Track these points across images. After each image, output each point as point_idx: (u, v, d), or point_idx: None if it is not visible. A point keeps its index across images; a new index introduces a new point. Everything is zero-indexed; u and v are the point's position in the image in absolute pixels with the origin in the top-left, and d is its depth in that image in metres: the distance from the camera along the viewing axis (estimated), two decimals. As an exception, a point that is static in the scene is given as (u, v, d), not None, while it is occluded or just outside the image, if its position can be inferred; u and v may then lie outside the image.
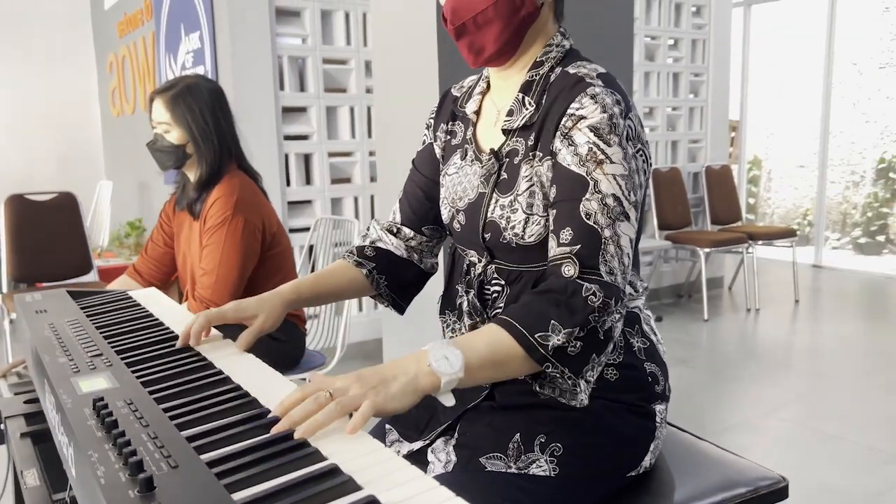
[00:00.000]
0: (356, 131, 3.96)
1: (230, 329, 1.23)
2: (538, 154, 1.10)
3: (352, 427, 0.82)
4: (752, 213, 8.04)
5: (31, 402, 1.38)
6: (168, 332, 1.23)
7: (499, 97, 1.20)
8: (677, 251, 5.41)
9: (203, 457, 0.74)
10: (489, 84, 1.24)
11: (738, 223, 5.57)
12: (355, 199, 4.01)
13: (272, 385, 0.98)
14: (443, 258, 1.39)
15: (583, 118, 1.05)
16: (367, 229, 1.39)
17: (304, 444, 0.78)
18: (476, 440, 1.10)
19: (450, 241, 1.30)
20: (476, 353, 0.96)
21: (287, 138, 3.78)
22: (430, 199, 1.32)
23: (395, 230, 1.35)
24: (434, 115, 1.33)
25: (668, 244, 5.12)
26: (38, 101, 6.35)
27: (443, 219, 1.27)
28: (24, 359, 1.68)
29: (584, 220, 1.02)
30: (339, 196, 3.96)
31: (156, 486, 0.66)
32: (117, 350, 1.10)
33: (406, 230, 1.34)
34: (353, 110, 3.94)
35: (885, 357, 3.98)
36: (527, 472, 1.06)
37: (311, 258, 3.07)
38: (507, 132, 1.15)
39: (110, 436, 0.77)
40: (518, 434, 1.08)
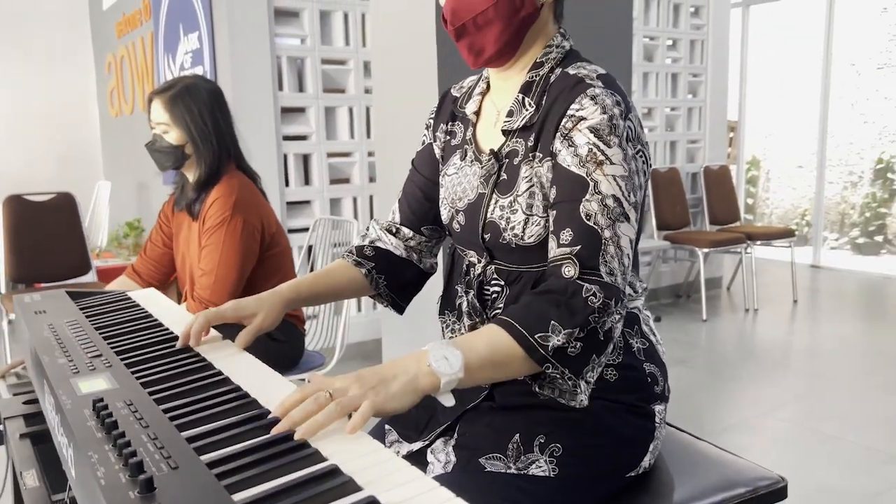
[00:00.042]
0: (355, 132, 3.96)
1: (229, 329, 1.23)
2: (538, 155, 1.10)
3: (351, 427, 0.82)
4: (750, 213, 8.05)
5: (31, 402, 1.38)
6: (167, 332, 1.23)
7: (498, 98, 1.20)
8: (676, 251, 5.41)
9: (203, 458, 0.74)
10: (489, 84, 1.24)
11: (737, 223, 5.58)
12: (354, 200, 4.01)
13: (272, 386, 0.98)
14: (442, 258, 1.39)
15: (583, 119, 1.05)
16: (366, 229, 1.39)
17: (305, 444, 0.78)
18: (475, 441, 1.10)
19: (449, 242, 1.30)
20: (476, 354, 0.96)
21: (286, 139, 3.78)
22: (430, 199, 1.32)
23: (395, 230, 1.35)
24: (433, 116, 1.33)
25: (667, 244, 5.12)
26: (37, 101, 6.34)
27: (442, 219, 1.27)
28: (22, 359, 1.68)
29: (585, 220, 1.02)
30: (337, 196, 3.96)
31: (156, 487, 0.66)
32: (117, 351, 1.10)
33: (405, 230, 1.34)
34: (351, 111, 3.94)
35: (883, 357, 3.99)
36: (526, 472, 1.06)
37: (309, 259, 3.07)
38: (506, 133, 1.15)
39: (110, 437, 0.77)
40: (517, 434, 1.08)
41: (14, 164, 6.20)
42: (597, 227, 1.02)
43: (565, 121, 1.06)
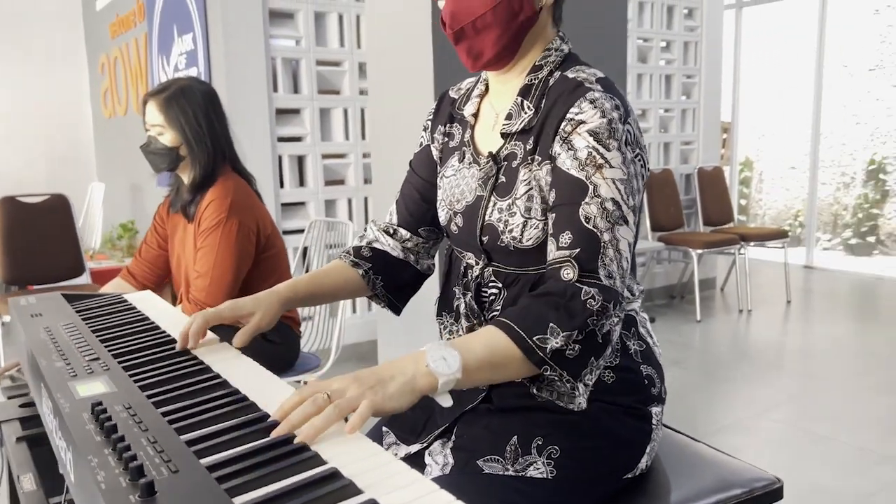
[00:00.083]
0: (350, 133, 3.95)
1: (225, 330, 1.23)
2: (537, 158, 1.10)
3: (351, 427, 0.82)
4: (743, 214, 8.08)
5: (27, 405, 1.38)
6: (164, 335, 1.23)
7: (497, 100, 1.20)
8: (670, 252, 5.43)
9: (203, 461, 0.74)
10: (487, 87, 1.24)
11: (730, 224, 5.60)
12: (349, 201, 4.01)
13: (269, 388, 0.98)
14: (439, 260, 1.40)
15: (582, 123, 1.05)
16: (364, 230, 1.39)
17: (304, 447, 0.78)
18: (473, 443, 1.10)
19: (447, 243, 1.30)
20: (474, 355, 0.96)
21: (280, 140, 3.78)
22: (427, 200, 1.32)
23: (392, 231, 1.35)
24: (431, 117, 1.33)
25: (661, 245, 5.13)
26: (30, 101, 6.32)
27: (440, 221, 1.27)
28: (17, 361, 1.67)
29: (584, 223, 1.03)
30: (332, 198, 3.95)
31: (157, 491, 0.66)
32: (114, 354, 1.10)
33: (402, 231, 1.34)
34: (346, 112, 3.94)
35: (875, 358, 4.01)
36: (524, 474, 1.06)
37: (304, 260, 3.07)
38: (505, 136, 1.15)
39: (110, 440, 0.77)
40: (515, 436, 1.08)
41: (6, 165, 6.17)
42: (596, 231, 1.02)
43: (565, 124, 1.07)
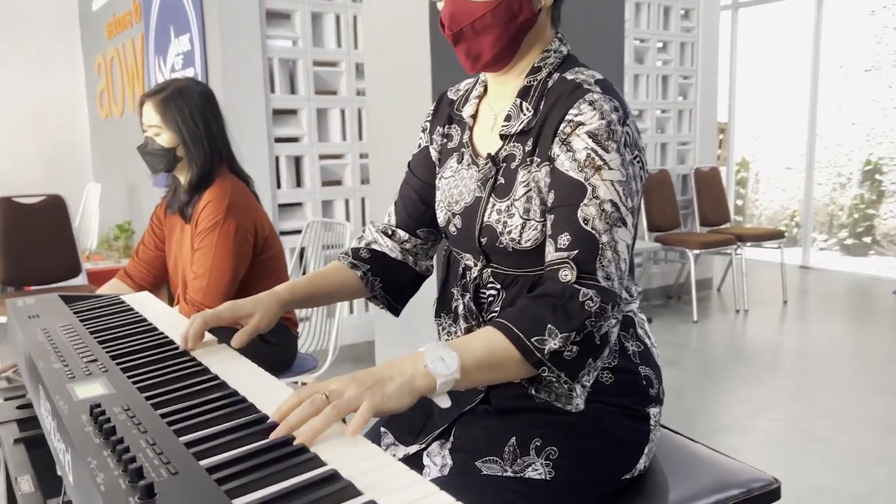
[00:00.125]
0: (347, 133, 3.95)
1: (224, 332, 1.23)
2: (536, 159, 1.10)
3: (352, 430, 0.82)
4: (739, 214, 8.09)
5: (24, 407, 1.37)
6: (162, 336, 1.22)
7: (496, 102, 1.20)
8: (666, 253, 5.44)
9: (202, 463, 0.74)
10: (486, 88, 1.24)
11: (727, 225, 5.61)
12: (346, 202, 4.00)
13: (268, 390, 0.98)
14: (438, 261, 1.39)
15: (581, 124, 1.05)
16: (362, 231, 1.39)
17: (304, 449, 0.78)
18: (472, 444, 1.10)
19: (445, 244, 1.30)
20: (472, 356, 0.96)
21: (277, 140, 3.77)
22: (426, 201, 1.32)
23: (391, 232, 1.35)
24: (430, 118, 1.33)
25: (658, 246, 5.14)
26: (25, 102, 6.30)
27: (439, 222, 1.27)
28: (14, 363, 1.67)
29: (582, 225, 1.03)
30: (329, 198, 3.95)
31: (156, 493, 0.66)
32: (112, 355, 1.10)
33: (401, 232, 1.34)
34: (343, 112, 3.93)
35: (872, 358, 4.02)
36: (522, 475, 1.06)
37: (301, 261, 3.06)
38: (504, 137, 1.15)
39: (109, 442, 0.77)
40: (514, 438, 1.08)
41: (2, 165, 6.15)
42: (594, 232, 1.02)
43: (564, 126, 1.07)
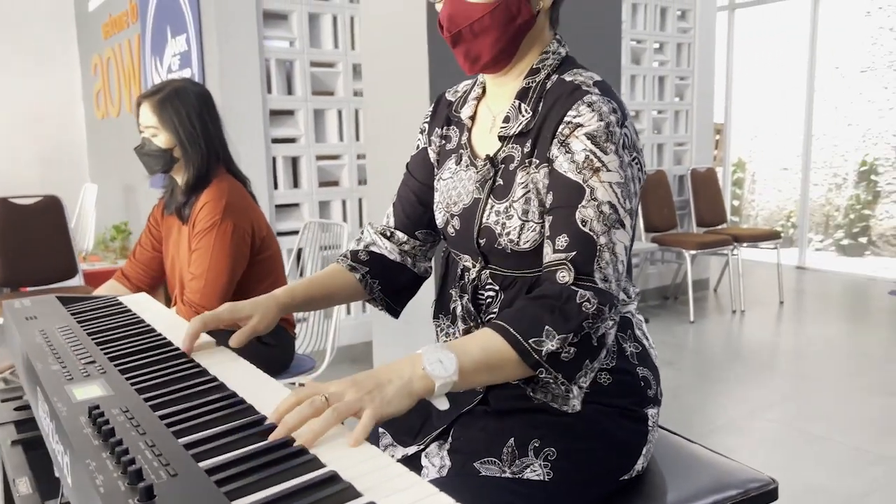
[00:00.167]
0: (344, 134, 3.95)
1: (222, 334, 1.23)
2: (534, 161, 1.10)
3: (355, 440, 0.81)
4: (736, 215, 8.11)
5: (21, 409, 1.37)
6: (160, 338, 1.22)
7: (494, 103, 1.20)
8: (663, 253, 5.44)
9: (202, 464, 0.74)
10: (484, 89, 1.24)
11: (723, 225, 5.62)
12: (343, 203, 4.00)
13: (267, 391, 0.98)
14: (436, 262, 1.40)
15: (580, 126, 1.06)
16: (361, 233, 1.39)
17: (303, 450, 0.78)
18: (470, 445, 1.10)
19: (443, 246, 1.30)
20: (470, 358, 0.96)
21: (275, 141, 3.77)
22: (424, 203, 1.32)
23: (389, 234, 1.35)
24: (428, 120, 1.33)
25: (655, 246, 5.15)
26: (21, 102, 6.28)
27: (437, 223, 1.27)
28: (11, 363, 1.67)
29: (580, 227, 1.03)
30: (326, 199, 3.95)
31: (156, 495, 0.66)
32: (110, 357, 1.10)
33: (400, 234, 1.34)
34: (340, 113, 3.93)
35: (868, 358, 4.03)
36: (521, 476, 1.06)
37: (299, 262, 3.06)
38: (503, 138, 1.15)
39: (107, 444, 0.77)
40: (512, 438, 1.08)
41: (-2, 165, 6.15)
42: (592, 234, 1.03)
43: (562, 127, 1.07)
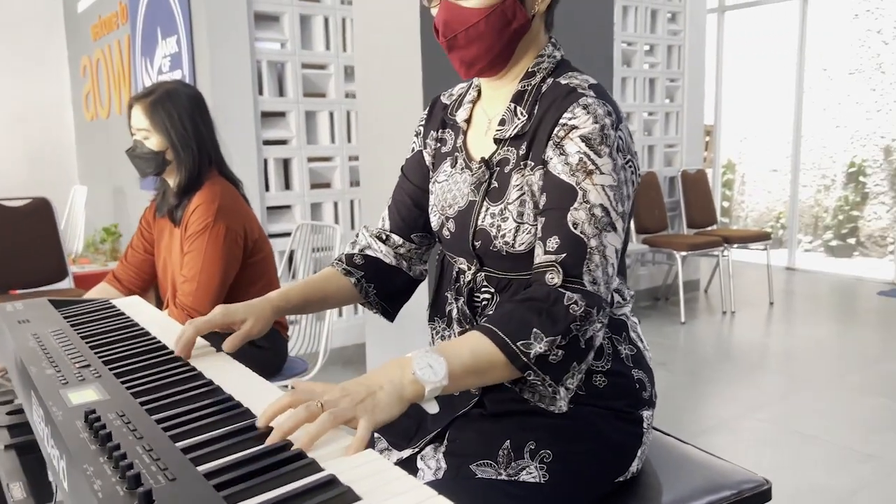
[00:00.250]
0: (336, 136, 3.95)
1: (215, 337, 1.23)
2: (529, 163, 1.11)
3: (355, 451, 0.81)
4: (726, 216, 8.15)
5: (14, 413, 1.36)
6: (155, 341, 1.22)
7: (489, 106, 1.21)
8: (654, 254, 5.46)
9: (200, 468, 0.74)
10: (479, 93, 1.24)
11: (713, 227, 5.64)
12: (335, 205, 4.00)
13: (263, 394, 0.97)
14: (431, 266, 1.40)
15: (575, 128, 1.06)
16: (356, 236, 1.39)
17: (302, 454, 0.78)
18: (466, 447, 1.11)
19: (438, 249, 1.31)
20: (459, 361, 0.96)
21: (266, 143, 3.76)
22: (419, 206, 1.32)
23: (385, 237, 1.35)
24: (423, 123, 1.33)
25: (645, 248, 5.17)
26: (10, 103, 6.24)
27: (432, 226, 1.27)
28: (3, 367, 1.66)
29: (571, 229, 1.03)
30: (318, 201, 3.94)
31: (155, 500, 0.66)
32: (105, 360, 1.09)
33: (395, 237, 1.34)
34: (332, 115, 3.93)
35: (857, 359, 4.06)
36: (517, 478, 1.06)
37: (290, 264, 3.06)
38: (498, 141, 1.15)
39: (105, 449, 0.76)
40: (508, 441, 1.08)
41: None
42: (583, 236, 1.03)
43: (558, 129, 1.07)
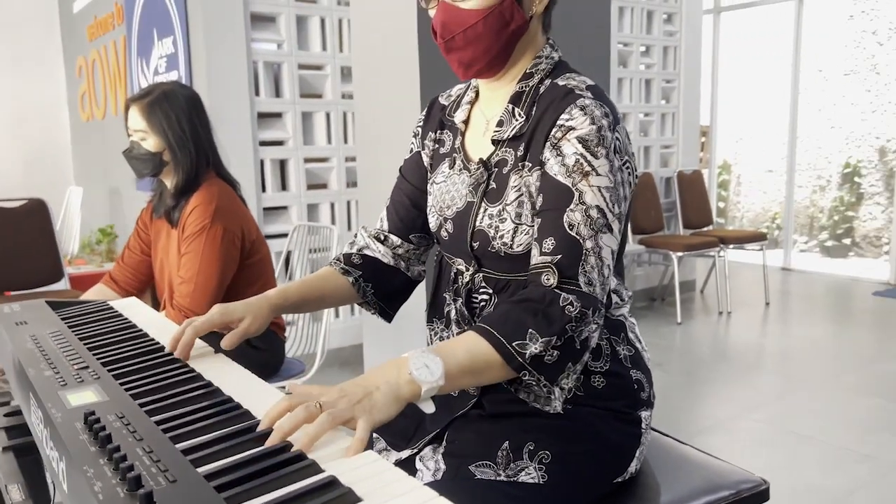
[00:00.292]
0: (332, 137, 3.95)
1: (213, 337, 1.23)
2: (527, 164, 1.11)
3: (355, 452, 0.81)
4: (722, 217, 8.16)
5: (11, 414, 1.36)
6: (153, 342, 1.22)
7: (487, 107, 1.21)
8: (650, 255, 5.47)
9: (200, 470, 0.74)
10: (477, 94, 1.24)
11: (709, 227, 5.66)
12: (332, 205, 4.00)
13: (261, 395, 0.97)
14: (429, 266, 1.40)
15: (572, 129, 1.06)
16: (354, 236, 1.39)
17: (302, 455, 0.78)
18: (465, 448, 1.11)
19: (436, 250, 1.31)
20: (456, 361, 0.97)
21: (262, 144, 3.76)
22: (417, 207, 1.32)
23: (383, 238, 1.35)
24: (422, 124, 1.33)
25: (642, 248, 5.18)
26: (4, 104, 6.23)
27: (430, 227, 1.28)
28: (0, 368, 1.65)
29: (567, 230, 1.04)
30: (315, 202, 3.94)
31: (156, 501, 0.66)
32: (103, 362, 1.09)
33: (393, 238, 1.34)
34: (328, 116, 3.93)
35: (852, 359, 4.07)
36: (516, 479, 1.07)
37: (287, 265, 3.05)
38: (496, 142, 1.16)
39: (105, 450, 0.76)
40: (507, 442, 1.08)
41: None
42: (579, 238, 1.03)
43: (555, 130, 1.08)
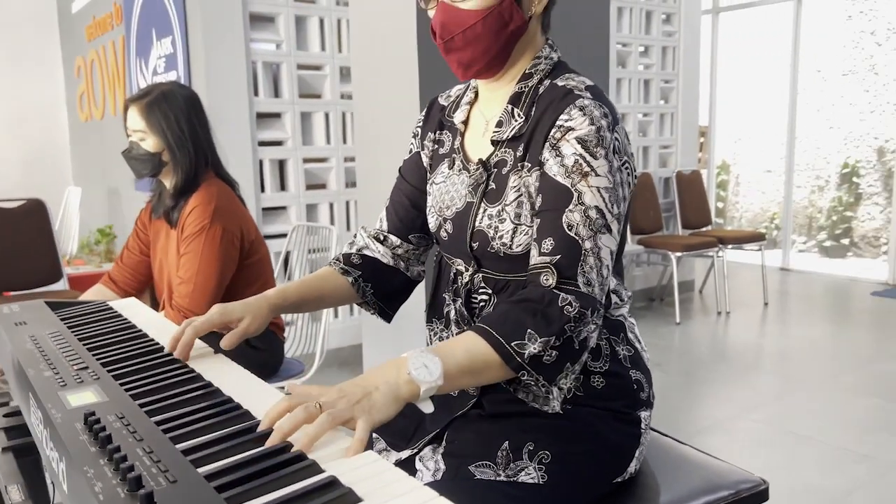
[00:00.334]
0: (331, 137, 3.95)
1: (212, 337, 1.23)
2: (527, 165, 1.11)
3: (355, 452, 0.81)
4: (720, 217, 8.16)
5: (11, 415, 1.36)
6: (153, 343, 1.22)
7: (487, 108, 1.21)
8: (649, 255, 5.48)
9: (200, 470, 0.74)
10: (477, 94, 1.25)
11: (708, 227, 5.66)
12: (331, 206, 4.00)
13: (261, 396, 0.97)
14: (428, 267, 1.40)
15: (571, 129, 1.06)
16: (353, 236, 1.39)
17: (302, 456, 0.78)
18: (464, 448, 1.11)
19: (436, 250, 1.31)
20: (455, 361, 0.97)
21: (261, 144, 3.76)
22: (417, 207, 1.32)
23: (382, 238, 1.35)
24: (421, 124, 1.33)
25: (641, 248, 5.18)
26: (2, 104, 6.22)
27: (430, 227, 1.28)
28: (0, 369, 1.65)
29: (566, 231, 1.04)
30: (314, 202, 3.94)
31: (156, 502, 0.66)
32: (103, 362, 1.09)
33: (393, 238, 1.34)
34: (327, 116, 3.93)
35: (851, 359, 4.07)
36: (516, 479, 1.07)
37: (286, 265, 3.05)
38: (495, 143, 1.16)
39: (105, 451, 0.76)
40: (506, 442, 1.09)
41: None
42: (578, 238, 1.04)
43: (554, 131, 1.08)
